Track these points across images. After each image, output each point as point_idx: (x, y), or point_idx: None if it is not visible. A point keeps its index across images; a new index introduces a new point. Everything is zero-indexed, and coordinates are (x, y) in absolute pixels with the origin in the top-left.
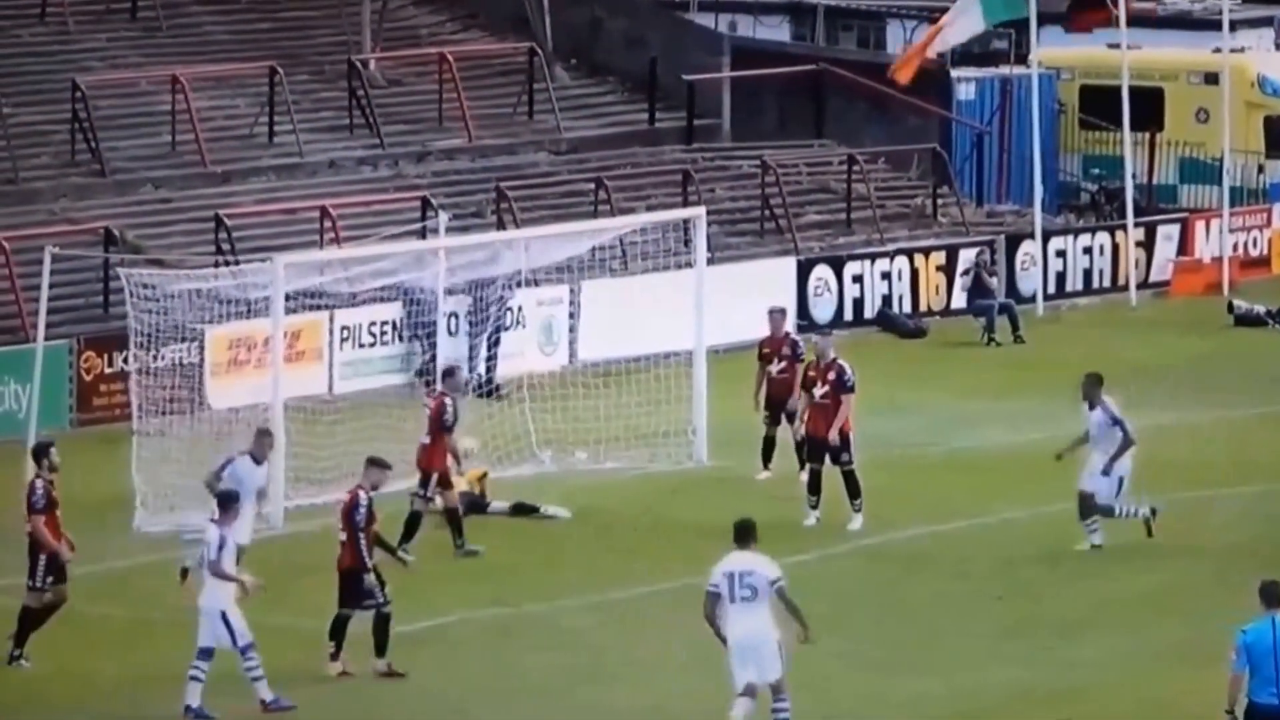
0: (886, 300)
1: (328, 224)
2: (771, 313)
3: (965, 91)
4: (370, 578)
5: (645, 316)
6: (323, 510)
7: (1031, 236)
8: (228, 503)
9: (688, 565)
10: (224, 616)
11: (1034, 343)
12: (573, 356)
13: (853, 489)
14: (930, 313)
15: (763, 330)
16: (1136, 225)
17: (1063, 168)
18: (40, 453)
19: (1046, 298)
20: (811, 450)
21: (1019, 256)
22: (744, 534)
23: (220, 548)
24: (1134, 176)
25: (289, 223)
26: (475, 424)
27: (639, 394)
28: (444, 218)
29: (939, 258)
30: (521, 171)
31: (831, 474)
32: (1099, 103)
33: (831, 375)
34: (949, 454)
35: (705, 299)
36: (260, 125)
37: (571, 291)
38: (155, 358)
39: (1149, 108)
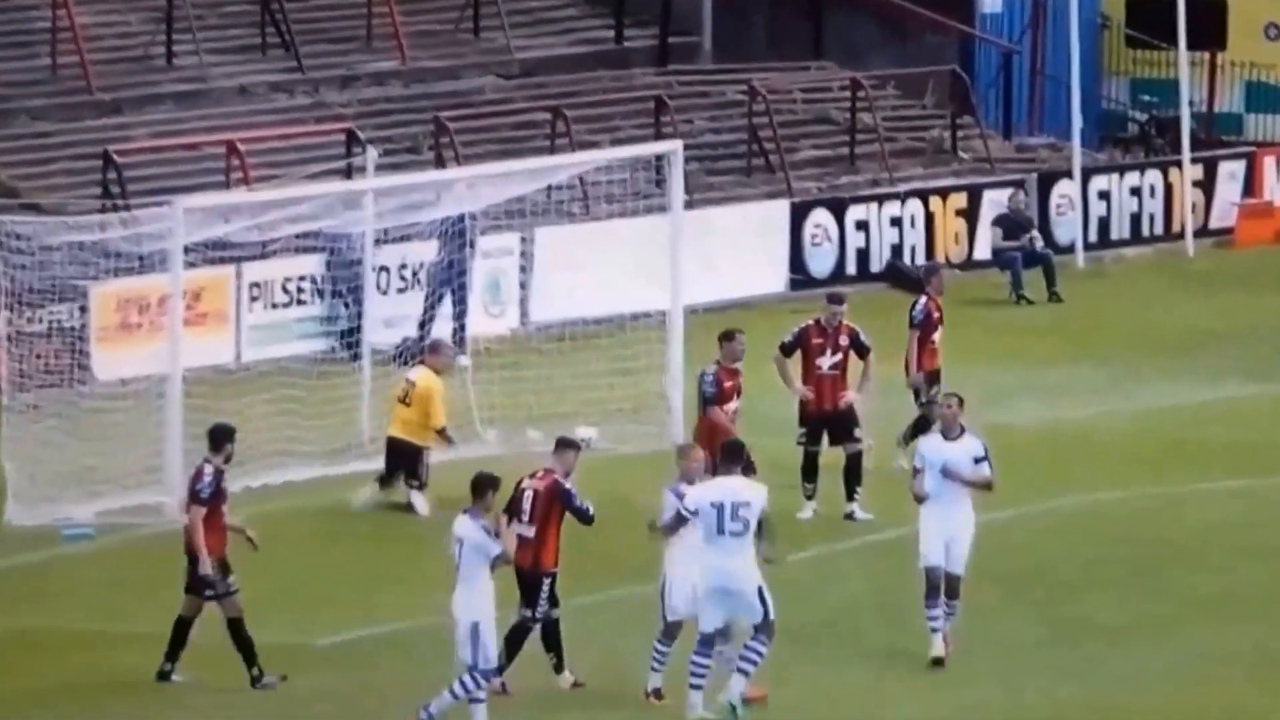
0: (896, 250)
1: (235, 162)
2: (830, 300)
3: (990, 3)
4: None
5: (610, 270)
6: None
7: (1069, 175)
8: (488, 486)
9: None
10: (475, 630)
11: (1072, 301)
12: (524, 318)
13: (857, 476)
14: (949, 265)
15: (758, 289)
16: (1194, 161)
17: (1106, 94)
18: (223, 437)
19: (1087, 247)
20: (812, 430)
21: (1054, 199)
22: (733, 454)
23: (485, 544)
24: (1191, 104)
25: (190, 160)
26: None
27: (603, 362)
28: (373, 154)
29: (959, 200)
30: (465, 99)
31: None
32: (1149, 16)
33: (844, 339)
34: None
35: (682, 249)
36: (156, 45)
37: (523, 240)
38: (30, 321)
39: (1209, 22)
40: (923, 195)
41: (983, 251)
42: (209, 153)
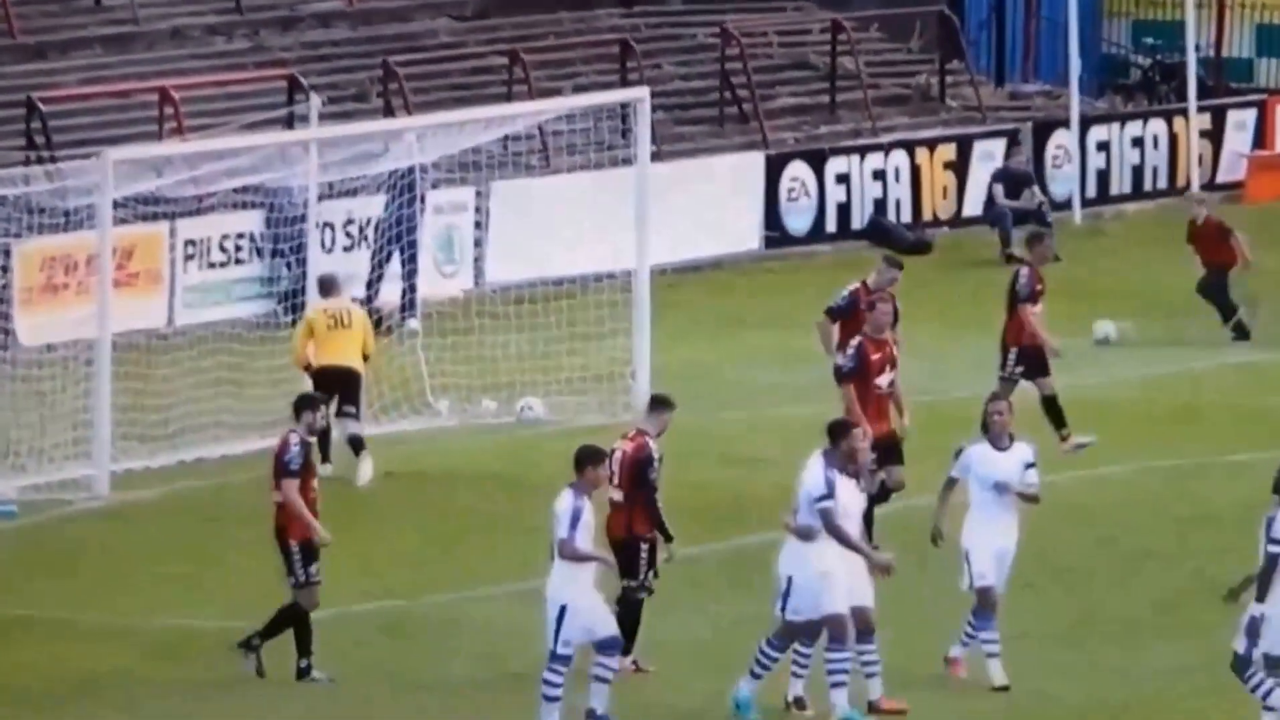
0: (880, 206)
1: (169, 111)
2: (877, 301)
3: None
4: (643, 547)
5: (572, 228)
6: (159, 475)
7: (1066, 125)
8: (587, 461)
9: None
10: (561, 613)
11: (1069, 260)
12: (479, 278)
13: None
14: (936, 222)
15: (731, 247)
16: (1200, 110)
17: (1106, 36)
18: (305, 406)
19: (1085, 203)
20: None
21: (1050, 150)
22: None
23: (574, 522)
24: (1197, 48)
25: (120, 109)
26: None
27: (564, 327)
28: (316, 102)
29: (947, 152)
30: (415, 43)
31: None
32: None
33: (897, 351)
34: (960, 405)
35: (649, 205)
36: None
37: (478, 195)
38: None
39: None
40: (908, 146)
41: (973, 208)
42: (140, 100)
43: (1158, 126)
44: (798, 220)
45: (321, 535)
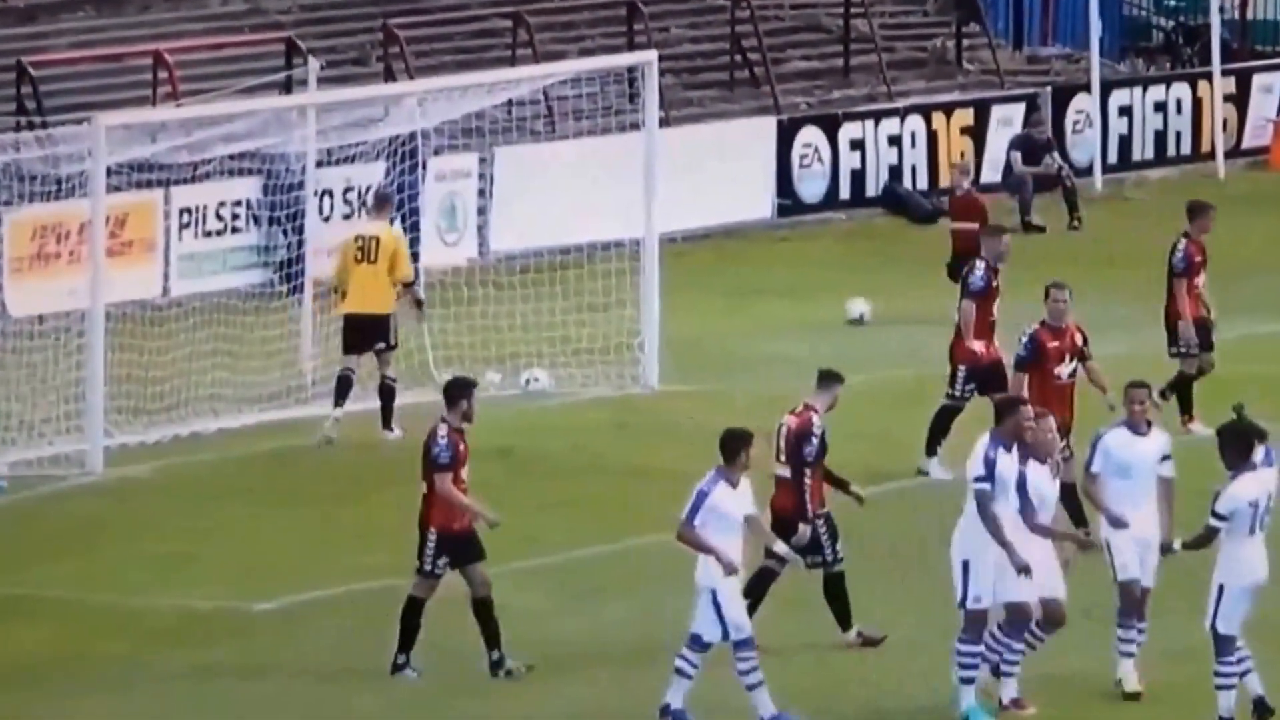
0: (895, 173)
1: (163, 75)
2: (1051, 289)
3: None
4: (807, 529)
5: (578, 195)
6: (153, 450)
7: (1087, 89)
8: (734, 447)
9: (633, 521)
10: (714, 597)
11: (1091, 228)
12: (483, 247)
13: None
14: (953, 189)
15: (742, 215)
16: (1225, 74)
17: None
18: (459, 393)
19: (1106, 169)
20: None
21: (1070, 115)
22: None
23: (695, 507)
24: (1222, 9)
25: (113, 73)
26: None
27: (570, 297)
28: (314, 66)
29: (964, 117)
30: (416, 5)
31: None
32: None
33: (1079, 336)
34: None
35: (658, 172)
36: None
37: (481, 162)
38: None
39: None
40: (924, 111)
41: (991, 174)
42: (133, 64)
43: (1181, 91)
44: (810, 187)
45: (489, 517)
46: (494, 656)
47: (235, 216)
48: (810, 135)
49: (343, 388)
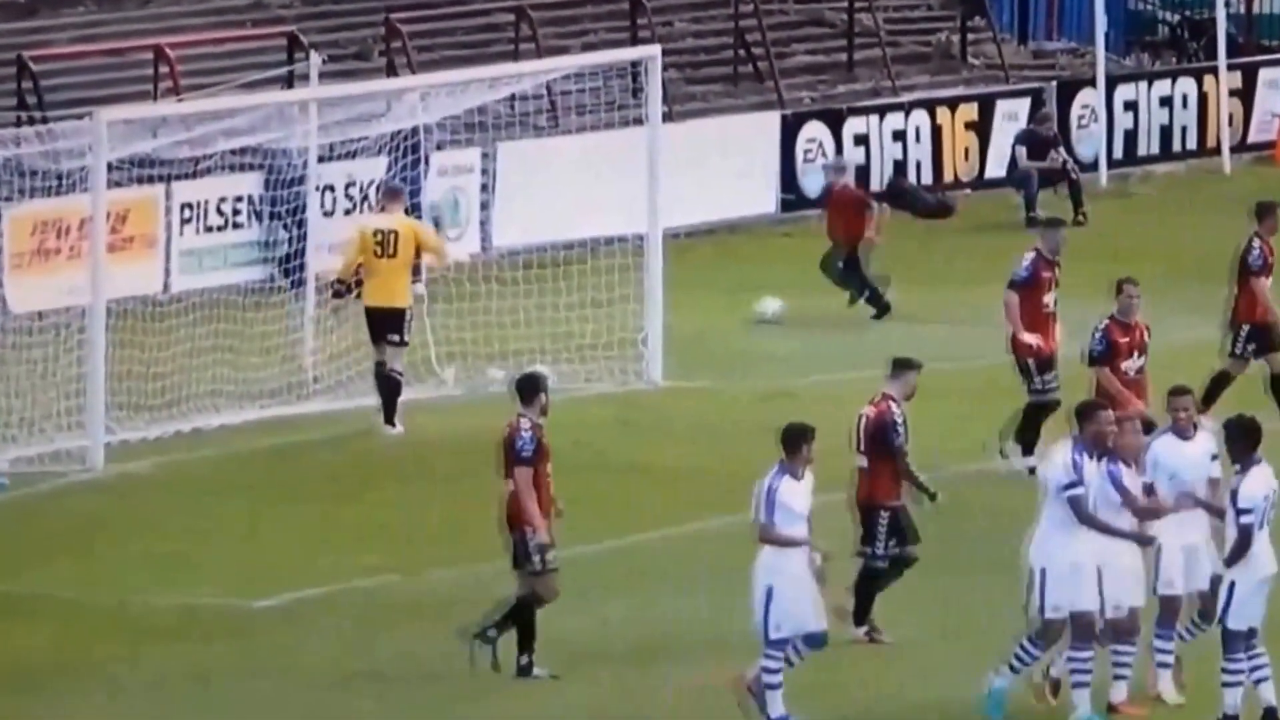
0: (900, 167)
1: (164, 69)
2: (1123, 284)
3: None
4: (883, 516)
5: (582, 190)
6: (154, 447)
7: (1092, 84)
8: (796, 441)
9: (636, 517)
10: (769, 593)
11: (1096, 223)
12: (485, 243)
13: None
14: (958, 184)
15: (745, 210)
16: (1231, 68)
17: None
18: (534, 388)
19: (1112, 164)
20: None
21: (1075, 110)
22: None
23: (770, 504)
24: (1228, 3)
25: (114, 68)
26: (352, 332)
27: (573, 293)
28: (316, 60)
29: (969, 112)
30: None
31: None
32: None
33: (1146, 332)
34: (987, 373)
35: (661, 167)
36: None
37: (484, 157)
38: None
39: None
40: (929, 106)
41: (995, 169)
42: (135, 59)
43: (1187, 85)
44: (814, 182)
45: (541, 534)
46: (522, 661)
47: (237, 212)
48: (814, 130)
49: (383, 386)
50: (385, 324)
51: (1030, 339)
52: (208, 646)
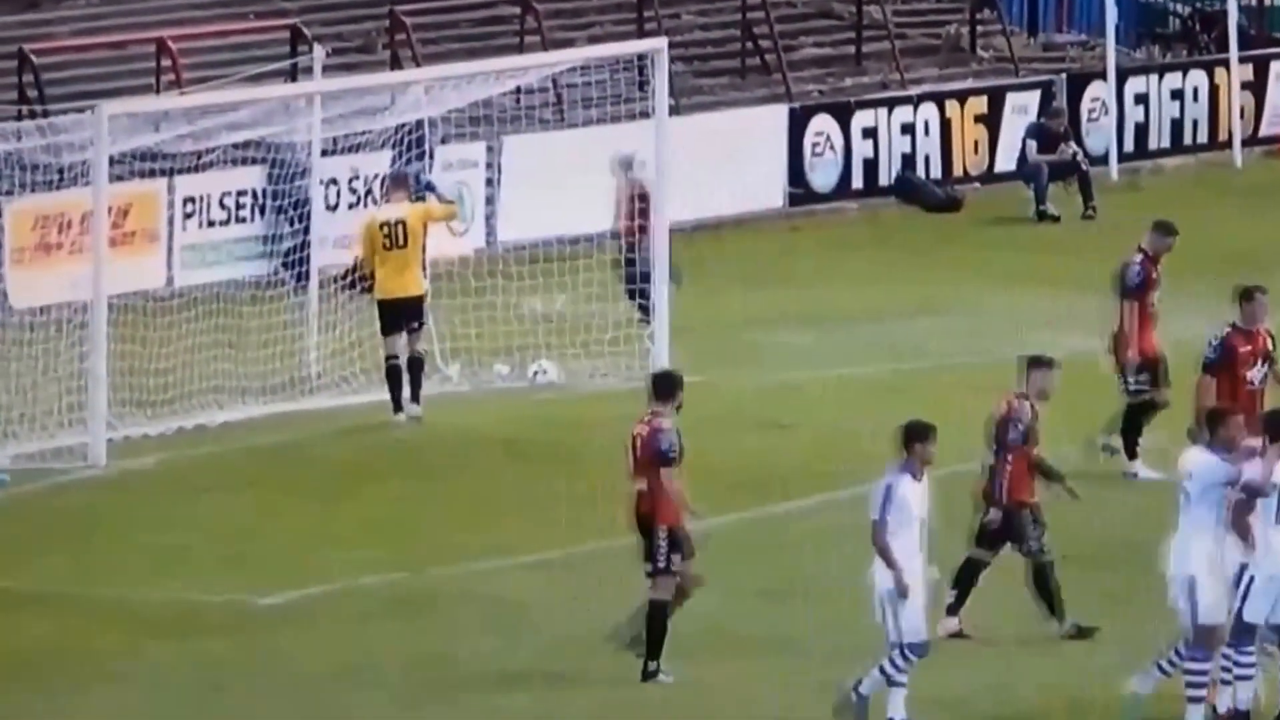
0: (908, 161)
1: (166, 63)
2: (1253, 291)
3: None
4: (998, 513)
5: (587, 184)
6: (157, 443)
7: (1102, 77)
8: (915, 439)
9: None
10: (889, 598)
11: (1104, 217)
12: (490, 237)
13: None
14: (967, 178)
15: (753, 204)
16: (1242, 61)
17: None
18: (674, 386)
19: (1122, 157)
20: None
21: (1085, 103)
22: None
23: (885, 503)
24: None
25: (116, 61)
26: (356, 327)
27: (579, 287)
28: (320, 53)
29: (978, 105)
30: None
31: None
32: None
33: (1269, 340)
34: (994, 367)
35: (668, 160)
36: None
37: (489, 151)
38: None
39: None
40: (938, 99)
41: (1005, 163)
42: (137, 52)
43: (1198, 78)
44: (822, 176)
45: (692, 520)
46: (650, 667)
47: (239, 206)
48: (822, 123)
49: (394, 380)
50: (405, 313)
51: (1139, 341)
52: (209, 642)
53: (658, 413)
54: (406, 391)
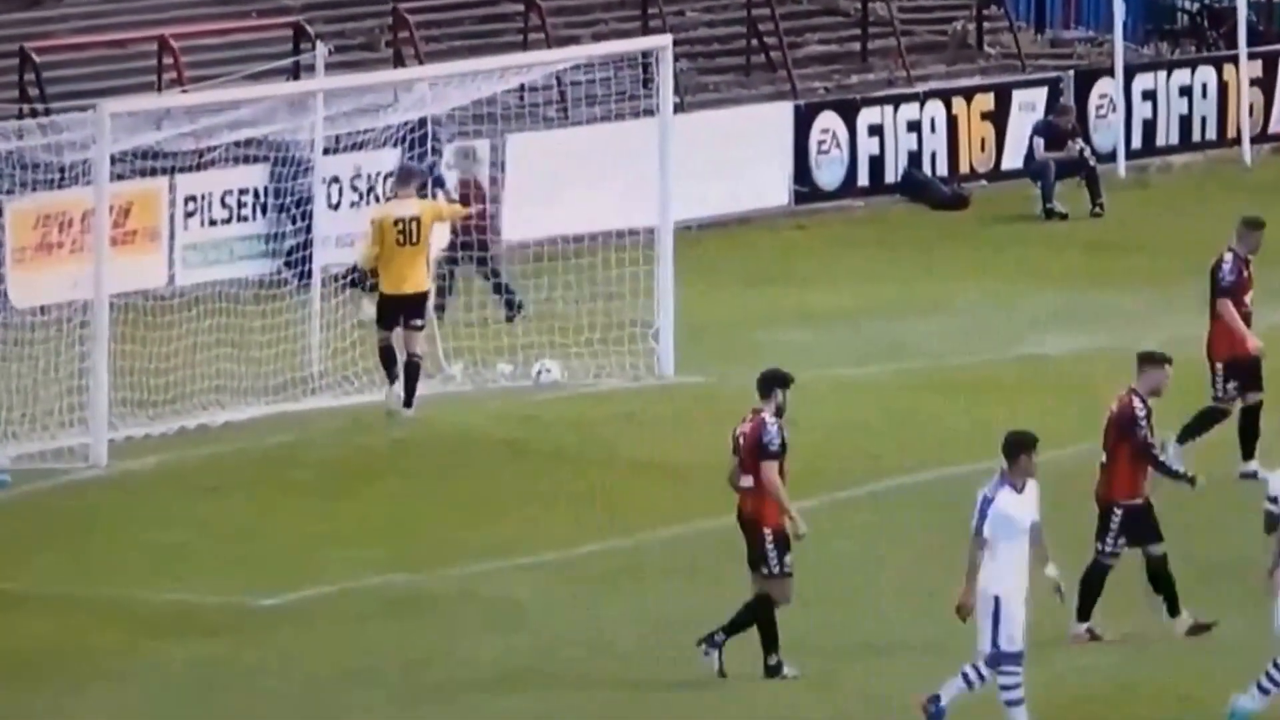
0: (915, 159)
1: (168, 61)
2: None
3: None
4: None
5: (591, 182)
6: (158, 443)
7: (1110, 73)
8: (1016, 451)
9: (645, 515)
10: (997, 605)
11: (1113, 215)
12: (494, 236)
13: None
14: (974, 175)
15: (758, 202)
16: (1252, 57)
17: None
18: (776, 383)
19: (1130, 154)
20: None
21: (1093, 99)
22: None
23: (983, 515)
24: None
25: (117, 59)
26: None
27: (583, 286)
28: (322, 51)
29: (985, 102)
30: None
31: None
32: None
33: None
34: (997, 366)
35: (672, 159)
36: None
37: (493, 149)
38: None
39: None
40: (944, 96)
41: (1012, 161)
42: (138, 50)
43: (1206, 74)
44: (828, 174)
45: (799, 525)
46: (771, 661)
47: (242, 205)
48: (828, 121)
49: (388, 359)
50: (407, 309)
51: (1254, 344)
52: (209, 642)
53: (759, 410)
54: (400, 390)
